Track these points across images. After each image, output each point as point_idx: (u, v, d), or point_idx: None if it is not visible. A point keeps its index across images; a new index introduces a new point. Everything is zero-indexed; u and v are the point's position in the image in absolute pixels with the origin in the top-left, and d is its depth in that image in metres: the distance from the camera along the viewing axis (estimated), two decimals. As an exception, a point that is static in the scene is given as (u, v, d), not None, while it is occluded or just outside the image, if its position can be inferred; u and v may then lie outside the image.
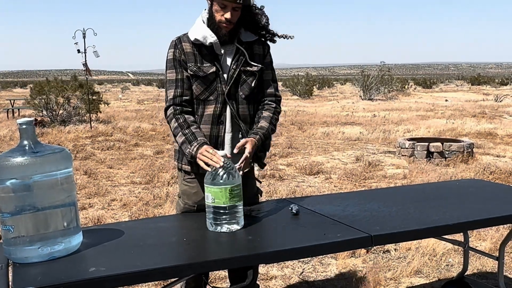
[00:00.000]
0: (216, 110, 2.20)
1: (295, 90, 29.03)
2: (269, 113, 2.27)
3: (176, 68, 2.20)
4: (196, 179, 2.27)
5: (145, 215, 4.77)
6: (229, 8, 2.11)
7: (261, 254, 1.77)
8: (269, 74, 2.32)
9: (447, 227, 2.05)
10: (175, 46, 2.22)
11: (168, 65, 2.23)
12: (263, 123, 2.23)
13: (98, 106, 14.00)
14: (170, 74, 2.21)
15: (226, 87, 2.20)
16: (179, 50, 2.20)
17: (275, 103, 2.31)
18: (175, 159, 2.35)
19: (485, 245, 3.88)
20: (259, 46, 2.28)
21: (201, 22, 2.21)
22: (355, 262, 3.56)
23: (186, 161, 2.27)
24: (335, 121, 14.04)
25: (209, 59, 2.19)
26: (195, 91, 2.20)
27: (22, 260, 1.62)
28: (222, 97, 2.20)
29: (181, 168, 2.31)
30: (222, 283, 3.17)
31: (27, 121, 1.67)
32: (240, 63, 2.20)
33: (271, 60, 2.34)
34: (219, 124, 2.21)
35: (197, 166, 2.23)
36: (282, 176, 6.66)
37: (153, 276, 1.64)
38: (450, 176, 6.41)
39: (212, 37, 2.16)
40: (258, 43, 2.28)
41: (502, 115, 15.54)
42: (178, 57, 2.20)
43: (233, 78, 2.20)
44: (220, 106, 2.20)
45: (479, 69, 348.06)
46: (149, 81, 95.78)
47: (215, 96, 2.19)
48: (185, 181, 2.32)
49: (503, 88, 41.13)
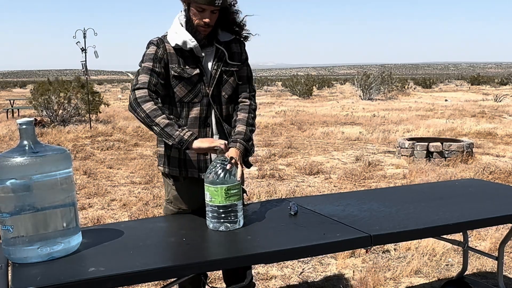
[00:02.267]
0: (202, 113, 2.18)
1: (295, 90, 29.03)
2: (244, 113, 2.24)
3: (154, 62, 2.11)
4: (186, 183, 2.24)
5: (145, 215, 4.77)
6: (208, 11, 2.08)
7: (260, 254, 1.77)
8: (244, 71, 2.29)
9: (447, 227, 2.05)
10: (158, 45, 2.15)
11: (146, 58, 2.13)
12: (240, 128, 2.19)
13: (98, 106, 14.00)
14: (147, 64, 2.11)
15: (209, 89, 2.18)
16: (162, 50, 2.15)
17: (249, 100, 2.28)
18: (160, 164, 2.29)
19: (484, 245, 3.88)
20: (236, 45, 2.27)
21: (179, 26, 2.17)
22: (355, 262, 3.56)
23: (173, 166, 2.22)
24: (335, 121, 14.04)
25: (191, 62, 2.16)
26: (179, 93, 2.16)
27: (21, 260, 1.62)
28: (207, 99, 2.18)
29: (168, 173, 2.26)
30: (222, 283, 3.17)
31: (27, 121, 1.67)
32: (221, 63, 2.19)
33: (247, 56, 2.32)
34: (205, 126, 2.19)
35: (186, 171, 2.20)
36: (282, 176, 6.66)
37: (152, 276, 1.65)
38: (449, 176, 6.41)
39: (192, 42, 2.13)
40: (235, 41, 2.27)
41: (502, 115, 15.55)
42: (160, 55, 2.14)
43: (215, 79, 2.18)
44: (205, 108, 2.18)
45: (478, 69, 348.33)
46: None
47: (200, 99, 2.17)
48: (175, 186, 2.28)
49: (502, 88, 41.13)
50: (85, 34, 12.41)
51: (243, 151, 2.14)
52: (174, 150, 2.21)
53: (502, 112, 16.54)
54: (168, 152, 2.24)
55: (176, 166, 2.23)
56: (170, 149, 2.22)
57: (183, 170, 2.22)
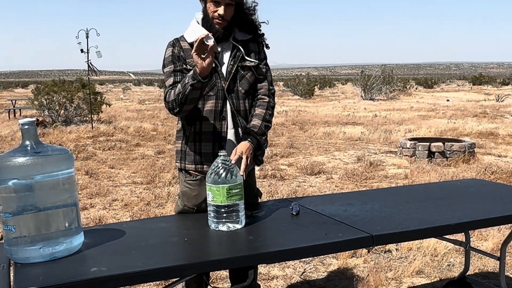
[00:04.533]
0: (217, 106, 2.22)
1: (297, 90, 29.03)
2: (262, 109, 2.28)
3: (174, 63, 2.22)
4: (198, 181, 2.27)
5: (147, 215, 4.77)
6: (222, 3, 2.15)
7: (262, 254, 1.77)
8: (263, 69, 2.33)
9: (449, 227, 2.05)
10: (173, 45, 2.25)
11: (165, 62, 2.24)
12: (255, 121, 2.24)
13: (100, 106, 14.02)
14: (169, 68, 2.23)
15: (225, 83, 2.22)
16: (178, 48, 2.24)
17: (268, 97, 2.32)
18: (177, 160, 2.35)
19: (486, 245, 3.87)
20: (254, 44, 2.31)
21: (196, 23, 2.25)
22: (357, 262, 3.56)
23: (189, 161, 2.27)
24: (336, 121, 14.03)
25: None
26: None
27: (23, 260, 1.62)
28: (222, 93, 2.22)
29: (184, 168, 2.31)
30: (223, 283, 3.17)
31: (28, 121, 1.68)
32: (237, 59, 2.23)
33: (266, 56, 2.36)
34: (221, 120, 2.22)
35: (201, 165, 2.23)
36: (283, 176, 6.66)
37: (154, 276, 1.65)
38: (451, 176, 6.40)
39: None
40: (253, 41, 2.31)
41: (504, 115, 15.52)
42: (177, 53, 2.23)
43: (231, 73, 2.22)
44: (220, 101, 2.22)
45: (480, 68, 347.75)
46: (150, 81, 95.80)
47: (215, 92, 2.21)
48: (186, 182, 2.31)
49: (504, 88, 41.08)
50: (88, 34, 12.44)
51: (255, 145, 2.17)
52: (190, 145, 2.26)
53: (504, 112, 16.52)
54: (185, 147, 2.28)
55: (192, 161, 2.26)
56: (186, 144, 2.27)
57: (199, 164, 2.24)
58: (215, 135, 2.21)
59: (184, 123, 2.28)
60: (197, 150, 2.24)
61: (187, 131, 2.27)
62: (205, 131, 2.22)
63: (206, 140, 2.22)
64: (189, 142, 2.26)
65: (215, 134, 2.22)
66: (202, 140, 2.23)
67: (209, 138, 2.22)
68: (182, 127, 2.30)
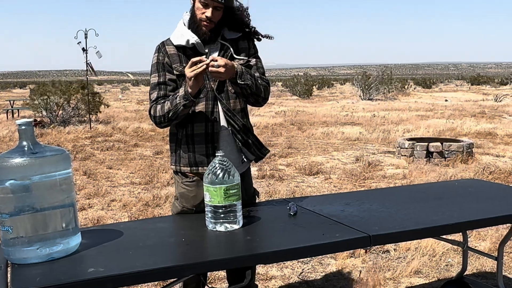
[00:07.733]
0: (208, 107, 2.20)
1: (295, 90, 29.03)
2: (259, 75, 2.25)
3: (159, 72, 2.22)
4: (195, 182, 2.26)
5: (145, 216, 4.77)
6: (210, 6, 2.12)
7: (260, 255, 1.77)
8: (254, 65, 2.28)
9: (447, 227, 2.05)
10: (159, 50, 2.24)
11: (152, 70, 2.25)
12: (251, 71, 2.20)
13: (98, 106, 14.01)
14: (154, 78, 2.24)
15: (214, 83, 2.20)
16: (163, 53, 2.22)
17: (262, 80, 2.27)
18: (172, 163, 2.32)
19: (484, 245, 3.88)
20: (244, 41, 2.28)
21: (182, 25, 2.23)
22: (355, 262, 3.56)
23: (184, 164, 2.25)
24: (335, 121, 14.04)
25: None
26: None
27: (20, 261, 1.62)
28: (212, 94, 2.20)
29: (179, 170, 2.29)
30: (221, 284, 3.17)
31: (26, 122, 1.67)
32: (226, 57, 2.18)
33: (257, 50, 2.33)
34: (213, 121, 2.21)
35: (196, 167, 2.22)
36: (282, 176, 6.66)
37: (151, 277, 1.64)
38: (449, 176, 6.41)
39: (193, 38, 2.17)
40: (242, 39, 2.28)
41: (502, 115, 15.55)
42: (161, 60, 2.22)
43: None
44: (211, 102, 2.20)
45: (478, 69, 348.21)
46: (148, 82, 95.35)
47: (205, 93, 2.19)
48: (183, 184, 2.29)
49: (502, 88, 41.14)
50: (86, 35, 12.44)
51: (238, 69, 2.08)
52: (183, 147, 2.24)
53: (502, 112, 16.55)
54: (178, 150, 2.26)
55: (187, 163, 2.25)
56: (179, 147, 2.25)
57: (194, 166, 2.23)
58: (207, 137, 2.20)
59: (176, 126, 2.26)
60: (191, 152, 2.23)
61: (179, 134, 2.24)
62: (197, 133, 2.20)
63: (199, 142, 2.21)
64: (182, 145, 2.24)
65: (208, 135, 2.20)
66: (195, 142, 2.21)
67: (202, 140, 2.20)
68: (175, 130, 2.27)
